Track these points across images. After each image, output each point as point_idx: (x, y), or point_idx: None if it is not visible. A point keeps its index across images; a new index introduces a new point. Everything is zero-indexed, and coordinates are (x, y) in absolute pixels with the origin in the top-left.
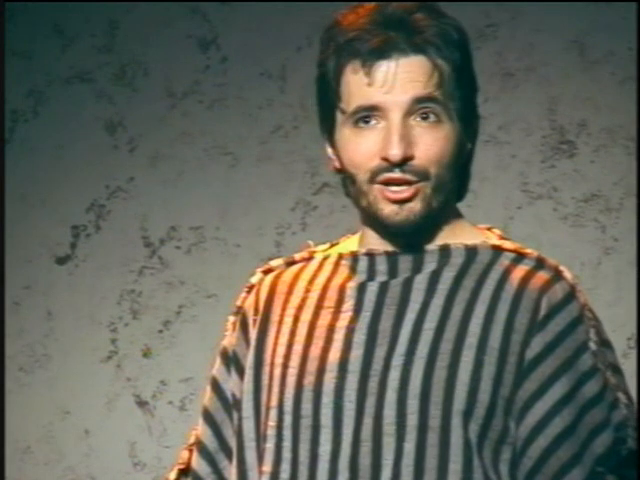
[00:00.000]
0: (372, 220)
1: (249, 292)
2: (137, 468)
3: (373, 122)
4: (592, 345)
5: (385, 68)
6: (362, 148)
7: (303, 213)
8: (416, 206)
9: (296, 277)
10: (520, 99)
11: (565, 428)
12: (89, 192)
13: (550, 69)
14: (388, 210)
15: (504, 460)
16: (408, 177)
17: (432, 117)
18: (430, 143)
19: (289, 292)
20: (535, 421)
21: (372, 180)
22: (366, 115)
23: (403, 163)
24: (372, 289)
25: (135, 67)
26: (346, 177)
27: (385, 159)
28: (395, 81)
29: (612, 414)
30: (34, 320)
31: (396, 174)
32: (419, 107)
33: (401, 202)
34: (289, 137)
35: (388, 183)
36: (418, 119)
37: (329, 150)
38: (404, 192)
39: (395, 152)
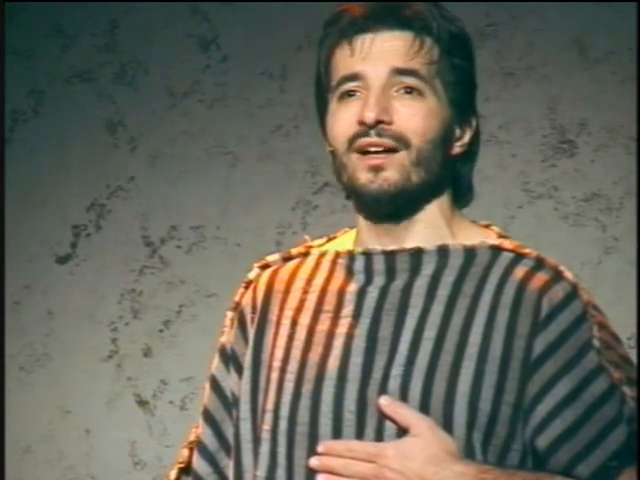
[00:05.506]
0: (355, 201)
1: (247, 288)
2: (137, 467)
3: (358, 94)
4: (596, 342)
5: (366, 37)
6: (343, 117)
7: (303, 212)
8: (392, 176)
9: (293, 275)
10: (520, 98)
11: (568, 429)
12: (89, 191)
13: (550, 68)
14: (364, 179)
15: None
16: (385, 141)
17: (415, 93)
18: (412, 113)
19: (286, 291)
20: (537, 423)
21: (350, 148)
22: (350, 88)
23: (379, 127)
24: (372, 295)
25: (135, 66)
26: (333, 158)
27: (361, 122)
28: (373, 48)
29: (623, 409)
30: (35, 319)
31: (372, 138)
32: (400, 80)
33: (376, 170)
34: (289, 136)
35: (365, 151)
36: (401, 92)
37: (325, 137)
38: (379, 158)
39: (369, 114)
